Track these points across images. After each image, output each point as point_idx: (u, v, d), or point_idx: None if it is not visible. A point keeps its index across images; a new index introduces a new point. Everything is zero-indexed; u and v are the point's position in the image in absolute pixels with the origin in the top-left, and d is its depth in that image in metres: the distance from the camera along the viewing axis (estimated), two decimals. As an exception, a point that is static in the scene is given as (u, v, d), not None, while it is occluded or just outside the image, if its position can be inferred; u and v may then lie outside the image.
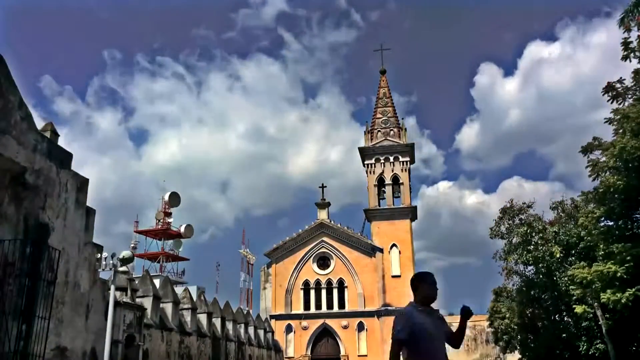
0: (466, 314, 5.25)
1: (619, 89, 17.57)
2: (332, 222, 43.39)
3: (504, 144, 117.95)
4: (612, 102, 17.71)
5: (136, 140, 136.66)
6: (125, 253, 13.29)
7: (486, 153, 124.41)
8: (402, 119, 47.07)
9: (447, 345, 5.30)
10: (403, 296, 40.18)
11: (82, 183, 12.04)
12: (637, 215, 18.13)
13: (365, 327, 40.25)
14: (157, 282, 22.44)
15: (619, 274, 16.37)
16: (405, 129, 45.84)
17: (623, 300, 16.22)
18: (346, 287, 41.83)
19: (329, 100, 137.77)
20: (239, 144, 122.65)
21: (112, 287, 13.14)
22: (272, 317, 40.47)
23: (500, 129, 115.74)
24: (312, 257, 42.80)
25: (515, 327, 28.92)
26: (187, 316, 22.34)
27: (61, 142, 11.96)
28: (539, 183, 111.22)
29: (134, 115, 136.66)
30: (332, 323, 40.81)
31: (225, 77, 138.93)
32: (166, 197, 51.39)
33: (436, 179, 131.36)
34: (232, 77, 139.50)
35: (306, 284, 42.32)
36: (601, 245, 18.42)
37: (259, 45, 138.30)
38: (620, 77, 17.63)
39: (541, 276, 24.79)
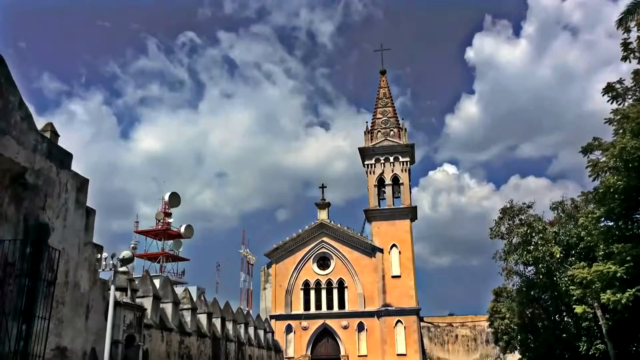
0: None
1: (619, 90, 17.59)
2: (332, 222, 43.41)
3: (506, 128, 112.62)
4: (612, 103, 17.73)
5: (125, 128, 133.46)
6: (125, 253, 13.28)
7: (487, 141, 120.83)
8: (402, 119, 47.14)
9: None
10: (403, 296, 40.29)
11: (82, 183, 12.05)
12: (637, 215, 18.12)
13: (365, 327, 40.24)
14: (157, 282, 22.42)
15: (619, 274, 16.38)
16: (405, 129, 45.84)
17: (623, 301, 16.23)
18: (346, 287, 41.82)
19: (331, 90, 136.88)
20: (236, 134, 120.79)
21: (112, 287, 13.13)
22: (272, 317, 40.48)
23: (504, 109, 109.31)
24: (312, 257, 42.80)
25: (515, 327, 28.96)
26: (187, 316, 22.34)
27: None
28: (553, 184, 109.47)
29: (121, 100, 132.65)
30: (332, 323, 40.81)
31: (222, 60, 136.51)
32: (166, 198, 51.39)
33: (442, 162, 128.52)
34: (229, 60, 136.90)
35: (306, 284, 42.31)
36: (601, 246, 18.43)
37: (264, 24, 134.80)
38: (620, 78, 17.70)
39: (541, 276, 24.79)
